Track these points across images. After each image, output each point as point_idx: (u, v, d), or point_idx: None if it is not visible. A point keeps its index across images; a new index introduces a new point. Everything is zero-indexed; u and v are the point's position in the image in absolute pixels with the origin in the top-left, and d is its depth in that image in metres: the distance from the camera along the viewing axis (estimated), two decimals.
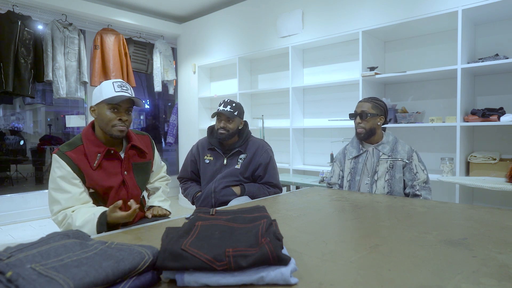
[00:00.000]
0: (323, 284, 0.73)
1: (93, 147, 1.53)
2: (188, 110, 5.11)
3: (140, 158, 1.69)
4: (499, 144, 2.72)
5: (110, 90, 1.51)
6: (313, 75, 3.81)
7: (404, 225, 1.21)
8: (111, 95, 1.51)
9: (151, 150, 1.78)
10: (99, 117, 1.54)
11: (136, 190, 1.67)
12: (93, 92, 1.57)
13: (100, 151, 1.54)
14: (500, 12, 2.55)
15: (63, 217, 1.45)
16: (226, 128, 2.07)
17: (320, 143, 3.78)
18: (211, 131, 2.23)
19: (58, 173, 1.47)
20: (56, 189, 1.47)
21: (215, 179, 2.06)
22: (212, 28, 4.67)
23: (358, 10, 3.20)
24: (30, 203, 4.24)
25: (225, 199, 2.00)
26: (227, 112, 2.06)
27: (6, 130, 6.04)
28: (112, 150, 1.57)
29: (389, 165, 1.93)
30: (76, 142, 1.54)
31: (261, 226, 0.82)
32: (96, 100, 1.54)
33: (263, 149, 2.13)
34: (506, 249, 0.95)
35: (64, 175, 1.47)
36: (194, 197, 2.14)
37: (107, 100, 1.51)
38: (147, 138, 1.79)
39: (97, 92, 1.54)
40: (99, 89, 1.54)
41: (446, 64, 2.83)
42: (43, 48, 3.97)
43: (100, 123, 1.55)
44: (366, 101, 2.00)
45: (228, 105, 2.08)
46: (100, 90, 1.53)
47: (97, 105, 1.54)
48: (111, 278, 0.64)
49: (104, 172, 1.55)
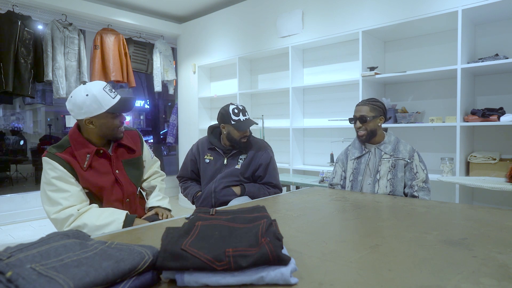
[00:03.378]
0: (323, 284, 0.73)
1: (81, 148, 1.52)
2: (188, 110, 5.11)
3: (129, 155, 1.68)
4: (499, 144, 2.72)
5: (107, 98, 1.49)
6: (313, 75, 3.81)
7: (404, 225, 1.21)
8: (112, 103, 1.50)
9: (139, 145, 1.77)
10: (102, 126, 1.52)
11: (131, 187, 1.67)
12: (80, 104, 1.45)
13: (89, 151, 1.53)
14: (500, 12, 2.55)
15: (67, 216, 1.44)
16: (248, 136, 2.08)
17: (320, 143, 3.78)
18: (211, 130, 2.22)
19: (52, 174, 1.45)
20: (53, 190, 1.45)
21: (215, 179, 2.06)
22: (212, 28, 4.67)
23: (358, 10, 3.20)
24: (30, 203, 4.24)
25: (225, 199, 2.00)
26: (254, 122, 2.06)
27: (6, 130, 6.04)
28: (101, 150, 1.56)
29: (391, 164, 1.93)
30: (64, 144, 1.53)
31: (261, 226, 0.82)
32: (93, 112, 1.47)
33: (263, 149, 2.13)
34: (506, 249, 0.95)
35: (59, 175, 1.46)
36: (194, 196, 2.14)
37: (113, 110, 1.50)
38: (135, 133, 1.77)
39: (91, 104, 1.45)
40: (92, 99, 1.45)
41: (446, 64, 2.83)
42: (43, 48, 3.97)
43: (102, 131, 1.53)
44: (364, 104, 1.98)
45: (246, 113, 2.06)
46: (96, 101, 1.46)
47: (97, 116, 1.49)
48: (111, 278, 0.64)
49: (95, 172, 1.54)
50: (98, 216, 1.47)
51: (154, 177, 1.90)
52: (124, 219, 1.49)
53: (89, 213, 1.47)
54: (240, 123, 2.01)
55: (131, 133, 1.74)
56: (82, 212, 1.46)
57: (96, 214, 1.48)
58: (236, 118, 2.02)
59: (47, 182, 1.46)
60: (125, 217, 1.50)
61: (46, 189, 1.47)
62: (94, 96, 1.46)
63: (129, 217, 1.52)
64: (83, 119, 1.50)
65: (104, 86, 1.51)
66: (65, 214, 1.44)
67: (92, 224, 1.44)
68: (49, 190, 1.46)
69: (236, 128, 2.01)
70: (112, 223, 1.46)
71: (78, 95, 1.46)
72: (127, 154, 1.68)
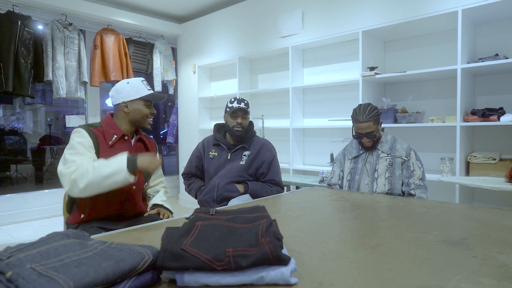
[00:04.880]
0: (323, 284, 0.73)
1: (110, 129, 1.68)
2: (188, 110, 5.11)
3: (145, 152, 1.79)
4: (499, 144, 2.72)
5: (143, 88, 1.69)
6: (313, 75, 3.81)
7: (404, 225, 1.21)
8: (146, 92, 1.69)
9: (155, 150, 1.89)
10: (134, 111, 1.68)
11: (141, 177, 1.76)
12: (120, 89, 1.68)
13: (116, 133, 1.68)
14: (500, 12, 2.55)
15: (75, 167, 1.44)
16: (242, 124, 2.10)
17: (320, 143, 3.78)
18: (217, 128, 2.27)
19: (77, 140, 1.55)
20: (72, 153, 1.51)
21: (219, 174, 2.09)
22: (212, 28, 4.67)
23: (358, 10, 3.20)
24: (30, 203, 4.24)
25: (228, 195, 2.02)
26: (244, 107, 2.09)
27: (6, 130, 6.04)
28: (127, 135, 1.71)
29: (388, 163, 1.96)
30: (96, 124, 1.70)
31: (261, 226, 0.82)
32: (130, 97, 1.66)
33: (267, 147, 2.17)
34: (506, 249, 0.95)
35: (83, 142, 1.56)
36: (197, 190, 2.18)
37: (147, 97, 1.69)
38: (152, 141, 1.91)
39: (130, 90, 1.67)
40: (131, 86, 1.67)
41: (446, 64, 2.83)
42: (43, 48, 3.97)
43: (133, 116, 1.68)
44: (367, 120, 1.92)
45: (241, 101, 2.11)
46: (134, 88, 1.67)
47: (132, 101, 1.67)
48: (111, 278, 0.64)
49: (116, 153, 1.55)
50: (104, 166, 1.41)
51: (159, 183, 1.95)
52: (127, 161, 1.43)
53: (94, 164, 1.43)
54: (233, 108, 2.08)
55: (149, 139, 1.89)
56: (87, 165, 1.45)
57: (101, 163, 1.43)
58: (231, 105, 2.10)
59: (69, 147, 1.55)
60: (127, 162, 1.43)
61: (66, 152, 1.54)
62: (134, 84, 1.68)
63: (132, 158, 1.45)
64: (120, 103, 1.67)
65: (142, 79, 1.73)
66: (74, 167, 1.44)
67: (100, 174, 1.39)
68: (68, 153, 1.52)
69: (229, 114, 2.10)
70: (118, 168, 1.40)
71: (121, 83, 1.70)
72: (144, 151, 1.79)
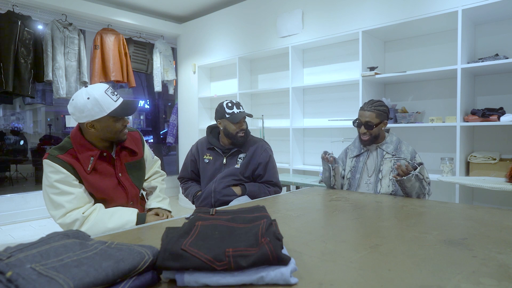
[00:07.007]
0: (323, 284, 0.73)
1: (85, 151, 1.48)
2: (188, 110, 5.11)
3: (131, 157, 1.67)
4: (499, 144, 2.72)
5: (109, 101, 1.45)
6: (313, 75, 3.81)
7: (404, 225, 1.21)
8: (113, 106, 1.46)
9: (141, 146, 1.74)
10: (103, 130, 1.48)
11: (134, 189, 1.67)
12: (81, 107, 1.42)
13: (93, 154, 1.50)
14: (500, 12, 2.55)
15: (72, 220, 1.42)
16: (244, 130, 2.08)
17: (320, 143, 3.78)
18: (210, 130, 2.22)
19: (54, 178, 1.42)
20: (56, 193, 1.43)
21: (215, 179, 2.06)
22: (212, 28, 4.67)
23: (358, 10, 3.20)
24: (30, 203, 4.24)
25: (226, 199, 2.00)
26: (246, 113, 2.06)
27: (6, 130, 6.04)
28: (105, 152, 1.54)
29: (393, 164, 1.94)
30: (66, 146, 1.49)
31: (261, 226, 0.82)
32: (95, 116, 1.43)
33: (262, 148, 2.13)
34: (506, 249, 0.95)
35: (61, 178, 1.42)
36: (194, 196, 2.14)
37: (116, 113, 1.46)
38: (136, 134, 1.74)
39: (93, 107, 1.41)
40: (93, 102, 1.41)
41: (446, 64, 2.83)
42: (43, 48, 3.97)
43: (104, 134, 1.50)
44: (370, 110, 1.94)
45: (239, 106, 2.08)
46: (97, 104, 1.42)
47: (98, 120, 1.45)
48: (111, 278, 0.64)
49: (99, 175, 1.53)
50: (109, 218, 1.46)
51: (154, 177, 1.89)
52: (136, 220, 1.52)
53: (97, 215, 1.46)
54: (235, 115, 2.03)
55: (132, 134, 1.72)
56: (87, 215, 1.45)
57: (105, 216, 1.47)
58: (230, 111, 2.05)
59: (49, 185, 1.43)
60: (136, 218, 1.52)
61: (49, 192, 1.43)
62: (96, 99, 1.42)
63: (141, 216, 1.54)
64: (85, 123, 1.46)
65: (105, 89, 1.46)
66: (70, 218, 1.42)
67: (103, 227, 1.44)
68: (52, 193, 1.43)
69: (231, 121, 2.02)
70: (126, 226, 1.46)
71: (80, 98, 1.42)
72: (130, 157, 1.66)
